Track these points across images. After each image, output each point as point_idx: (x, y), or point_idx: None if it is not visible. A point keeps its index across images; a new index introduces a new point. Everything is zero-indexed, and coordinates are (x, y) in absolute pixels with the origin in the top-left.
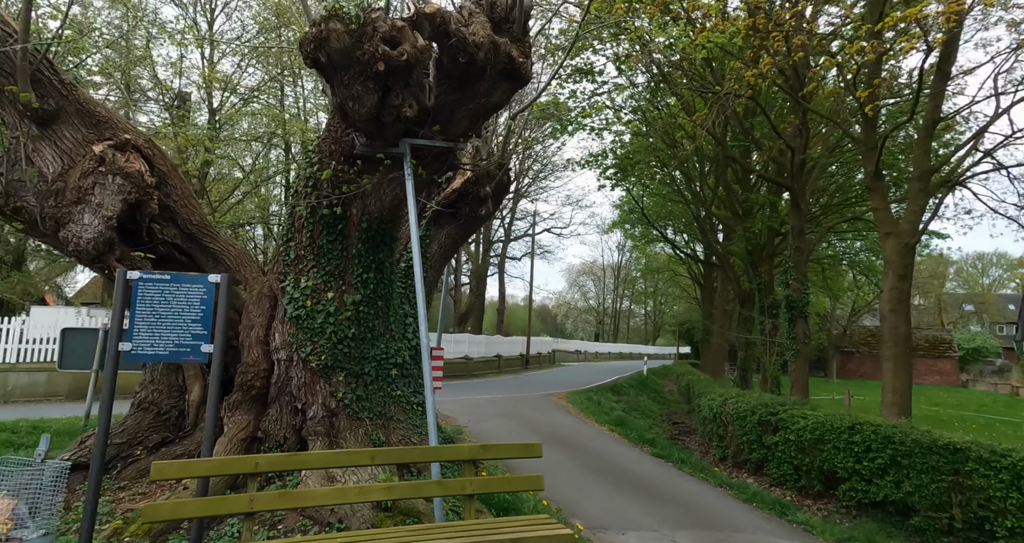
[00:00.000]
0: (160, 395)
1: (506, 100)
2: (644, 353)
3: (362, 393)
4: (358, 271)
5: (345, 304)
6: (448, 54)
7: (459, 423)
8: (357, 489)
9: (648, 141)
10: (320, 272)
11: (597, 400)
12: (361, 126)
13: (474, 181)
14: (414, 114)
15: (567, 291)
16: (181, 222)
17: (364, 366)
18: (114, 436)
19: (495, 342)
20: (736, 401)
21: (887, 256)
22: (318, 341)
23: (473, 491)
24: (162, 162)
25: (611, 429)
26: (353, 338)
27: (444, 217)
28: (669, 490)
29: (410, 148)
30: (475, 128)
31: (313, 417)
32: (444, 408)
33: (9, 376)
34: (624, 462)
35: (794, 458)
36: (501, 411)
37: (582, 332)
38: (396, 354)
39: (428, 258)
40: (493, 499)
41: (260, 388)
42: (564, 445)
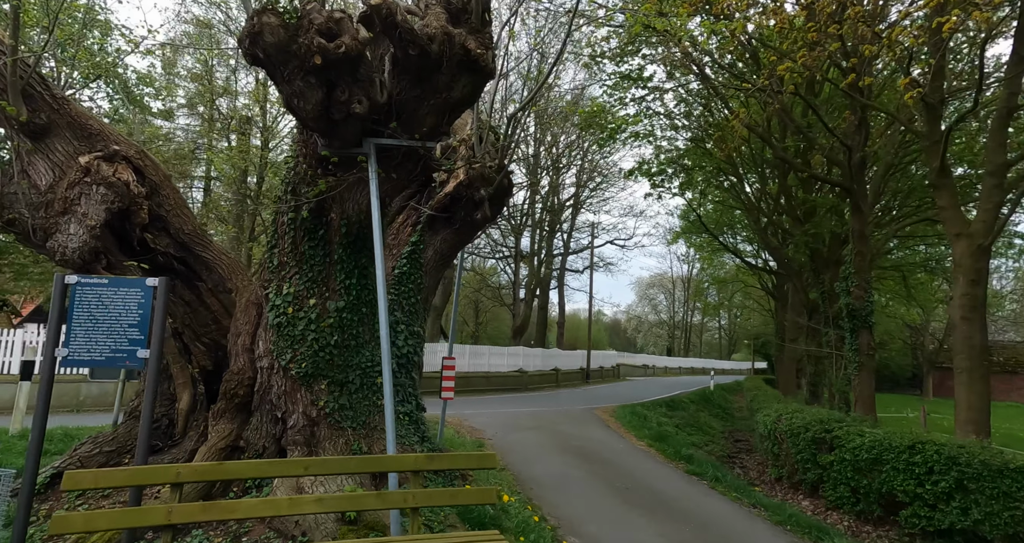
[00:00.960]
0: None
1: (470, 95)
2: (718, 368)
3: (346, 402)
4: (341, 277)
5: (328, 311)
6: (400, 47)
7: (485, 436)
8: (288, 501)
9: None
10: (303, 279)
11: (643, 415)
12: (312, 124)
13: (467, 184)
14: (364, 110)
15: (637, 304)
16: (173, 231)
17: (348, 374)
18: (104, 444)
19: (552, 355)
20: (790, 417)
21: (957, 259)
22: (299, 348)
23: (416, 504)
24: (154, 173)
25: (649, 444)
26: (336, 345)
27: (439, 222)
28: (690, 509)
29: (375, 148)
30: (443, 126)
31: (293, 426)
32: (478, 421)
33: (81, 387)
34: (649, 479)
35: (851, 479)
36: (535, 424)
37: (653, 346)
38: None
39: (423, 264)
40: (472, 513)
41: (244, 396)
42: (588, 459)
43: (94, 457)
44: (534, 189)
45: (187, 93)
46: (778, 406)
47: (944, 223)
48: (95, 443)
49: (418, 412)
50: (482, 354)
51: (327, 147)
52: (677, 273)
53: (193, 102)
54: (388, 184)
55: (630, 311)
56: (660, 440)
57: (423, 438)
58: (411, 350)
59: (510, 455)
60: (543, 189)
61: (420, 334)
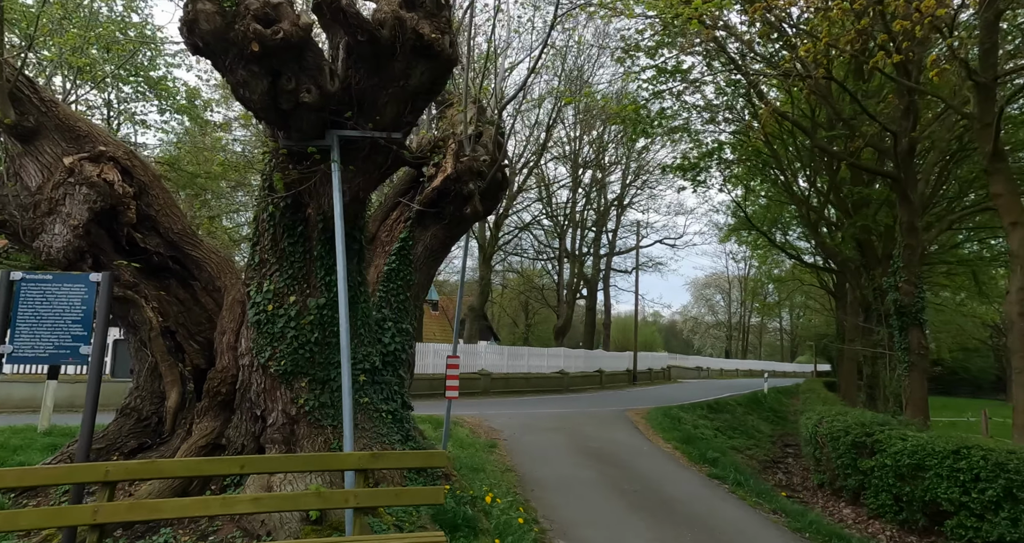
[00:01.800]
0: (143, 401)
1: (430, 83)
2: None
3: (326, 400)
4: (321, 274)
5: (308, 308)
6: (349, 33)
7: (501, 436)
8: (220, 500)
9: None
10: (283, 276)
11: (677, 417)
12: (264, 115)
13: (456, 178)
14: (314, 100)
15: (693, 305)
16: (163, 230)
17: (330, 372)
18: (96, 441)
19: (596, 357)
20: (831, 420)
21: (1014, 250)
22: (278, 346)
23: (358, 504)
24: (143, 173)
25: (675, 447)
26: (316, 343)
27: (428, 217)
28: (699, 513)
29: (339, 140)
30: (407, 116)
31: (272, 424)
32: (500, 421)
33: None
34: (663, 481)
35: (893, 486)
36: (557, 425)
37: (711, 348)
38: (364, 359)
39: (412, 260)
40: (447, 514)
41: (226, 395)
42: (603, 461)
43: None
44: (575, 187)
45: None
46: (821, 408)
47: (999, 211)
48: None
49: (403, 411)
50: (521, 355)
51: (287, 139)
52: (733, 272)
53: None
54: (361, 177)
55: (686, 312)
56: (687, 442)
57: (406, 437)
58: (398, 347)
59: (520, 456)
60: (585, 187)
61: (409, 332)
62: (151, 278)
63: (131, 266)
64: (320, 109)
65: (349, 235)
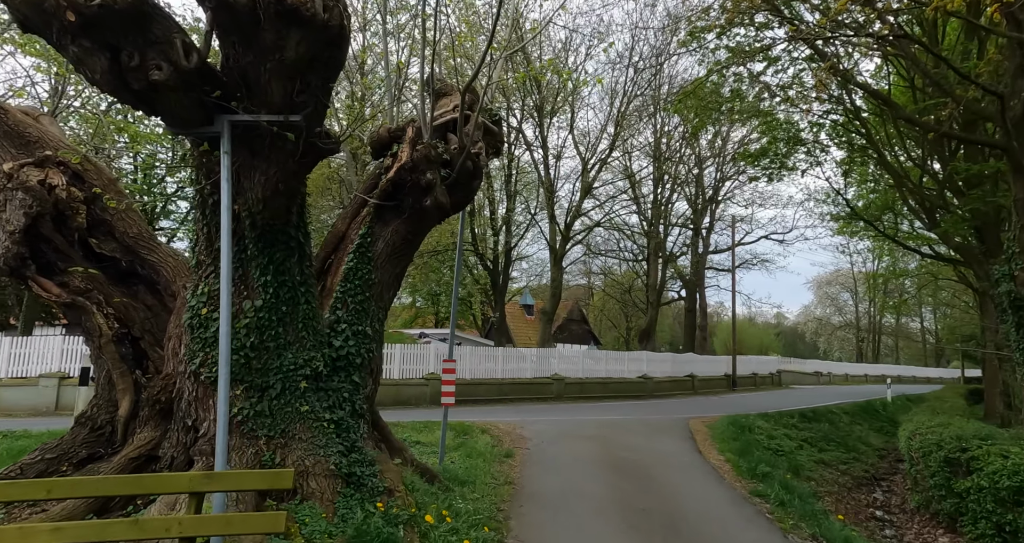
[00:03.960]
0: (99, 410)
1: (312, 56)
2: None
3: (264, 408)
4: (256, 275)
5: (243, 311)
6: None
7: (526, 445)
8: (17, 530)
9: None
10: (218, 278)
11: (748, 427)
12: (123, 98)
13: (411, 168)
14: (167, 78)
15: (816, 305)
16: (119, 235)
17: (268, 378)
18: (47, 452)
19: (685, 360)
20: (925, 432)
21: None
22: (211, 352)
23: (181, 533)
24: (96, 177)
25: (727, 459)
26: (252, 347)
27: (388, 212)
28: (708, 538)
29: (230, 126)
30: (298, 96)
31: (204, 434)
32: (536, 428)
33: None
34: (686, 499)
35: (993, 513)
36: (595, 433)
37: (840, 351)
38: (307, 364)
39: (372, 258)
40: (365, 537)
41: (165, 403)
42: (625, 474)
43: (35, 465)
44: (658, 181)
45: None
46: (919, 418)
47: None
48: (41, 451)
49: (352, 420)
50: (598, 359)
51: (172, 126)
52: (858, 267)
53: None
54: (275, 168)
55: (808, 313)
56: (741, 454)
57: (351, 448)
58: (352, 351)
59: (533, 467)
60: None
61: (368, 334)
62: (119, 284)
63: (88, 272)
64: (182, 89)
65: (283, 231)
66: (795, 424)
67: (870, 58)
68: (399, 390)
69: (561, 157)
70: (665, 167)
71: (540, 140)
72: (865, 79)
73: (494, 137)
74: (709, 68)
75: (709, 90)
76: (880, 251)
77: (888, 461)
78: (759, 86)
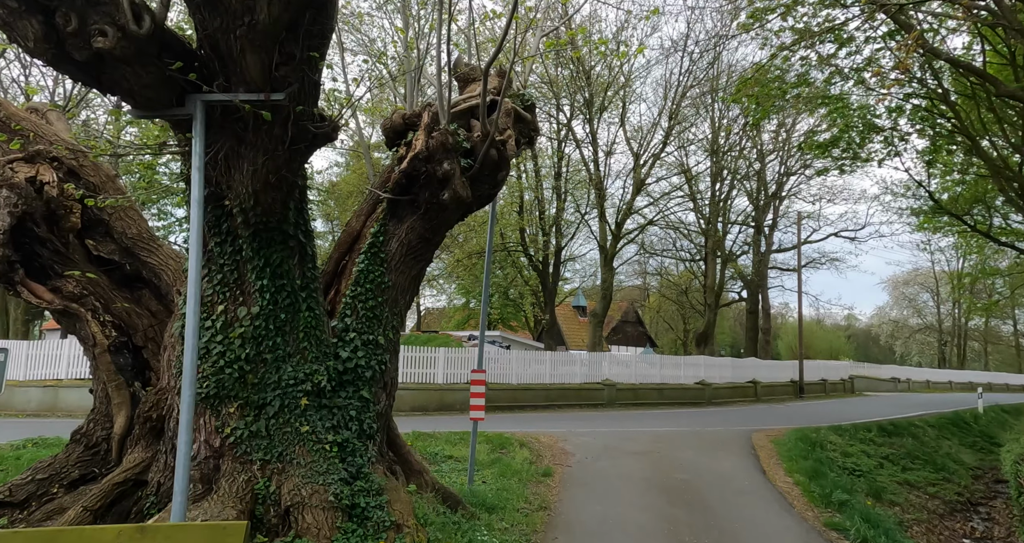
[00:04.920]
0: (96, 426)
1: (287, 18)
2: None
3: (261, 428)
4: (252, 278)
5: (239, 318)
6: None
7: (568, 462)
8: None
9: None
10: (212, 282)
11: (820, 442)
12: (67, 71)
13: (426, 157)
14: (112, 46)
15: (891, 307)
16: (117, 236)
17: (266, 394)
18: (39, 471)
19: (748, 366)
20: None
21: None
22: (201, 364)
23: None
24: (93, 174)
25: (796, 482)
26: (248, 360)
27: (402, 207)
28: None
29: (204, 107)
30: (278, 69)
31: (193, 458)
32: (580, 441)
33: None
34: (748, 534)
35: None
36: (648, 448)
37: (919, 356)
38: (308, 378)
39: (385, 259)
40: None
41: (157, 421)
42: (678, 500)
43: (25, 486)
44: (716, 176)
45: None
46: None
47: None
48: (33, 470)
49: (359, 441)
50: (652, 363)
51: (137, 108)
52: (941, 266)
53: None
54: (263, 157)
55: (883, 315)
56: (814, 476)
57: (355, 475)
58: (362, 363)
59: (575, 489)
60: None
61: (380, 344)
62: (123, 288)
63: (86, 276)
64: (136, 61)
65: (280, 230)
66: (873, 439)
67: (958, 33)
68: (443, 395)
69: (612, 153)
70: (724, 162)
71: (590, 136)
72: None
73: (527, 125)
74: (772, 52)
75: (772, 77)
76: (967, 248)
77: (984, 483)
78: (829, 70)
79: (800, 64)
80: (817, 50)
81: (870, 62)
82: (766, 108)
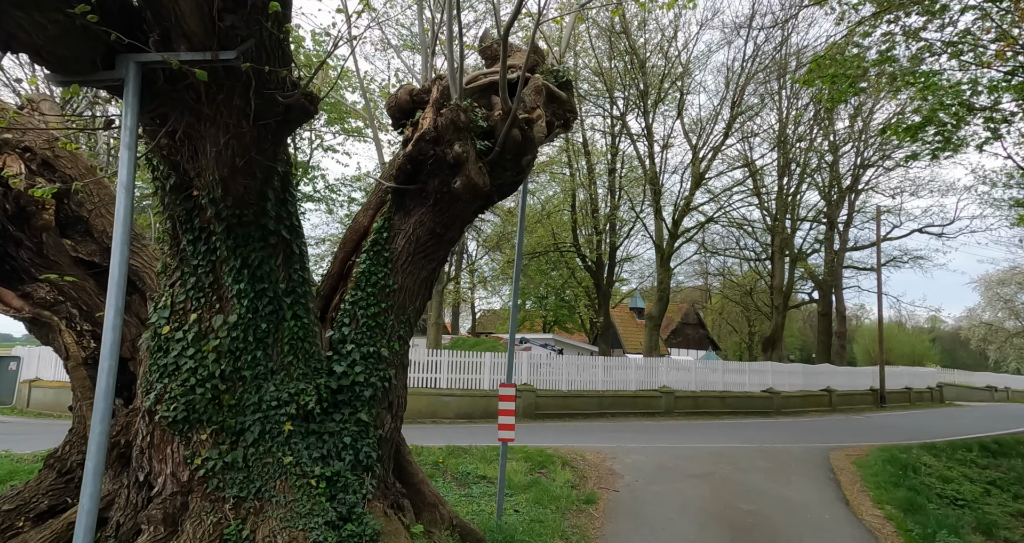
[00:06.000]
0: (72, 449)
1: None
2: None
3: (236, 459)
4: (228, 281)
5: (213, 329)
6: None
7: (617, 485)
8: None
9: None
10: (184, 286)
11: (912, 464)
12: None
13: (435, 139)
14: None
15: (983, 308)
16: (97, 235)
17: (245, 418)
18: (6, 501)
19: (819, 372)
20: None
21: None
22: (169, 383)
23: None
24: (69, 165)
25: (888, 515)
26: (224, 377)
27: (410, 198)
28: None
29: (139, 70)
30: (225, 19)
31: (158, 493)
32: (633, 459)
33: None
34: None
35: None
36: (708, 469)
37: (1016, 362)
38: (293, 399)
39: (390, 258)
40: None
41: (125, 447)
42: (744, 539)
43: None
44: (783, 169)
45: None
46: None
47: None
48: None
49: (353, 475)
50: (714, 370)
51: (55, 73)
52: None
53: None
54: (224, 134)
55: (974, 317)
56: (911, 510)
57: (346, 516)
58: (359, 380)
59: (621, 520)
60: (795, 170)
61: (384, 357)
62: None
63: (64, 280)
64: (34, 6)
65: (258, 225)
66: (974, 459)
67: None
68: (488, 402)
69: (669, 146)
70: (792, 154)
71: (645, 129)
72: None
73: (561, 105)
74: (849, 27)
75: (850, 56)
76: None
77: None
78: (917, 45)
79: (882, 40)
80: (903, 22)
81: (966, 34)
82: (842, 91)
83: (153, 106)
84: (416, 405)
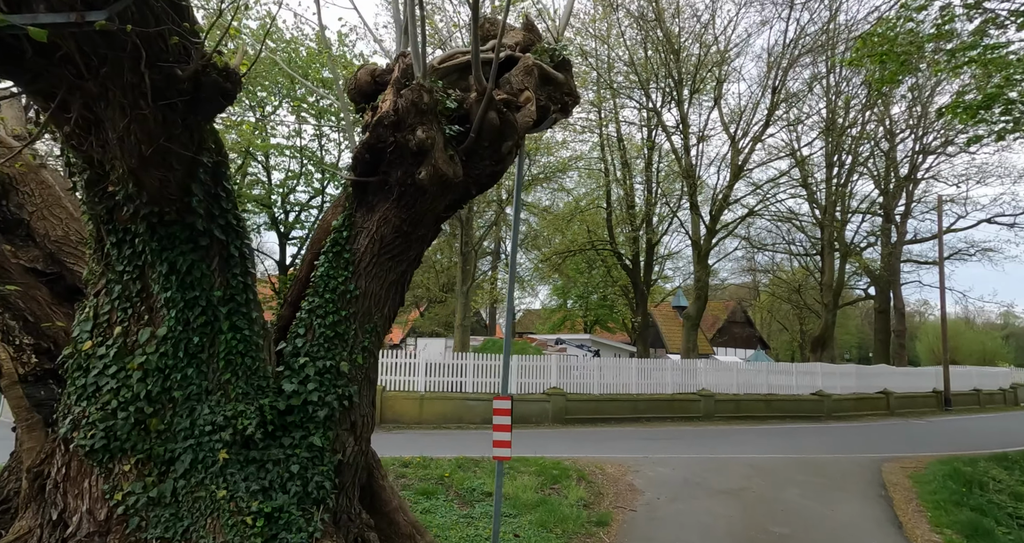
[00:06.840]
0: (11, 475)
1: None
2: None
3: (163, 492)
4: (156, 290)
5: (139, 343)
6: None
7: (632, 504)
8: None
9: None
10: (110, 295)
11: (978, 480)
12: None
13: (395, 123)
14: None
15: None
16: (39, 239)
17: (175, 445)
18: None
19: (875, 373)
20: None
21: None
22: (87, 407)
23: None
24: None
25: (948, 541)
26: (151, 399)
27: (372, 192)
28: None
29: None
30: None
31: (72, 534)
32: (657, 472)
33: None
34: None
35: None
36: (739, 484)
37: None
38: (230, 422)
39: (351, 260)
40: None
41: (47, 478)
42: None
43: None
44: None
45: None
46: None
47: None
48: None
49: (298, 510)
50: (758, 371)
51: None
52: None
53: None
54: (124, 118)
55: None
56: (975, 535)
57: None
58: (313, 399)
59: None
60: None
61: (343, 373)
62: (64, 303)
63: (6, 289)
64: None
65: (184, 225)
66: None
67: None
68: (515, 406)
69: (706, 138)
70: (842, 142)
71: (679, 119)
72: None
73: (558, 88)
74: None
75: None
76: None
77: None
78: (981, 16)
79: (941, 14)
80: None
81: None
82: (893, 71)
83: (36, 85)
84: (442, 410)
